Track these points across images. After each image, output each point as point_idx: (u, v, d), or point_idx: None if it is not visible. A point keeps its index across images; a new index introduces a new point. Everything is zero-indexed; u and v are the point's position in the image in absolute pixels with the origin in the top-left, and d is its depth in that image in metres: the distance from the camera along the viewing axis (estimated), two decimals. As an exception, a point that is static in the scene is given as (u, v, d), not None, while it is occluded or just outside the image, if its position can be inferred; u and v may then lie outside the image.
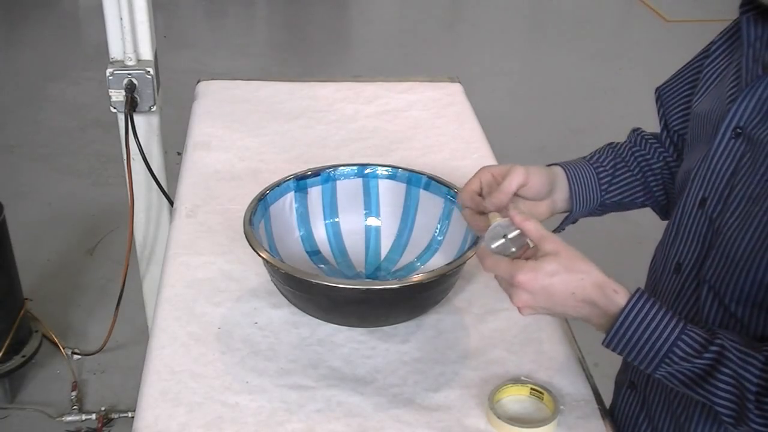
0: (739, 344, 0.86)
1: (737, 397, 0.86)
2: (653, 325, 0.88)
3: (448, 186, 1.28)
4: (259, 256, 1.11)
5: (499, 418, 1.03)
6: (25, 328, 2.39)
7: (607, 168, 1.20)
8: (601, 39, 5.25)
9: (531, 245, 0.96)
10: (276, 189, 1.27)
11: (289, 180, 1.29)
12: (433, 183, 1.30)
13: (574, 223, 1.23)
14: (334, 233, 1.33)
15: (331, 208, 1.33)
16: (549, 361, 1.14)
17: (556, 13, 5.78)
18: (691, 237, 1.00)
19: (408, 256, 1.31)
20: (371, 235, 1.34)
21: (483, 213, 1.09)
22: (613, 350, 0.92)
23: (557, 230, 1.20)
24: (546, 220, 1.14)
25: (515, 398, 1.08)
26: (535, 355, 1.15)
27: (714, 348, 0.86)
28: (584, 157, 1.22)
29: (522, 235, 0.96)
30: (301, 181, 1.30)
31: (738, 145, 0.95)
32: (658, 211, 1.25)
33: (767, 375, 0.84)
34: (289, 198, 1.29)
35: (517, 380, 1.09)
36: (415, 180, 1.31)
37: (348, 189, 1.33)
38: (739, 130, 0.95)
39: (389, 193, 1.33)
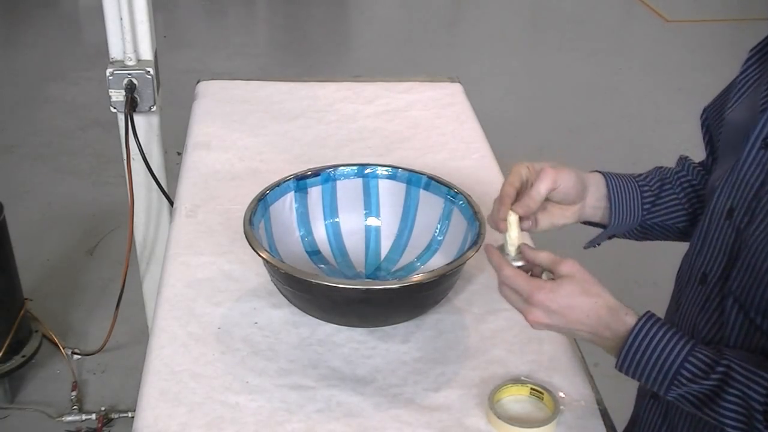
0: (745, 364, 0.87)
1: (745, 417, 0.86)
2: (660, 347, 0.89)
3: (448, 186, 1.28)
4: (259, 255, 1.11)
5: (499, 418, 1.03)
6: (25, 328, 2.39)
7: (653, 188, 1.16)
8: (601, 39, 5.25)
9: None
10: (276, 189, 1.27)
11: (289, 180, 1.29)
12: (433, 183, 1.30)
13: (610, 239, 1.19)
14: (334, 233, 1.33)
15: (331, 208, 1.33)
16: (549, 361, 1.14)
17: (556, 13, 5.77)
18: (718, 247, 0.98)
19: (408, 256, 1.31)
20: (371, 235, 1.34)
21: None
22: (626, 374, 0.92)
23: (592, 244, 1.19)
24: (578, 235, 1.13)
25: (515, 398, 1.08)
26: (535, 355, 1.15)
27: (720, 369, 0.87)
28: (629, 174, 1.17)
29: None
30: (301, 181, 1.30)
31: (767, 155, 0.93)
32: None
33: None
34: (289, 198, 1.29)
35: (517, 380, 1.09)
36: (415, 180, 1.31)
37: (348, 189, 1.33)
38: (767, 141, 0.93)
39: (389, 193, 1.33)
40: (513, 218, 1.02)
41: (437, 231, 1.29)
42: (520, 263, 1.01)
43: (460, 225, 1.24)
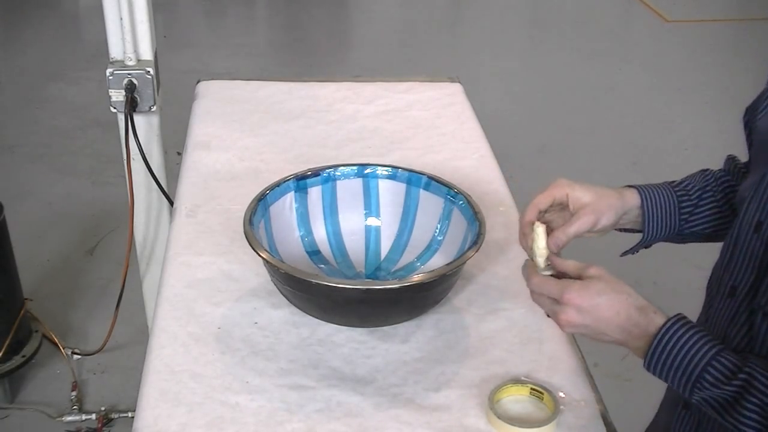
0: (767, 371, 0.86)
1: (763, 426, 0.85)
2: (686, 348, 0.89)
3: (448, 186, 1.28)
4: (259, 255, 1.11)
5: (499, 418, 1.02)
6: (25, 328, 2.39)
7: (692, 196, 1.15)
8: (601, 39, 5.25)
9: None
10: (276, 189, 1.27)
11: (289, 180, 1.29)
12: (433, 183, 1.30)
13: (647, 247, 1.18)
14: (334, 233, 1.33)
15: (331, 208, 1.33)
16: (549, 361, 1.14)
17: (556, 13, 5.78)
18: (747, 260, 0.97)
19: (408, 256, 1.31)
20: (371, 235, 1.34)
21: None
22: (653, 373, 0.93)
23: (630, 252, 1.19)
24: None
25: (515, 398, 1.08)
26: (535, 355, 1.15)
27: (742, 375, 0.87)
28: (671, 182, 1.17)
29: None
30: (301, 181, 1.30)
31: None
32: None
33: None
34: (289, 198, 1.29)
35: (517, 380, 1.09)
36: (415, 180, 1.31)
37: (348, 189, 1.33)
38: None
39: (389, 193, 1.33)
40: (540, 229, 1.04)
41: (437, 231, 1.29)
42: (548, 272, 1.02)
43: (460, 225, 1.24)
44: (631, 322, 0.93)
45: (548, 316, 1.00)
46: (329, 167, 1.32)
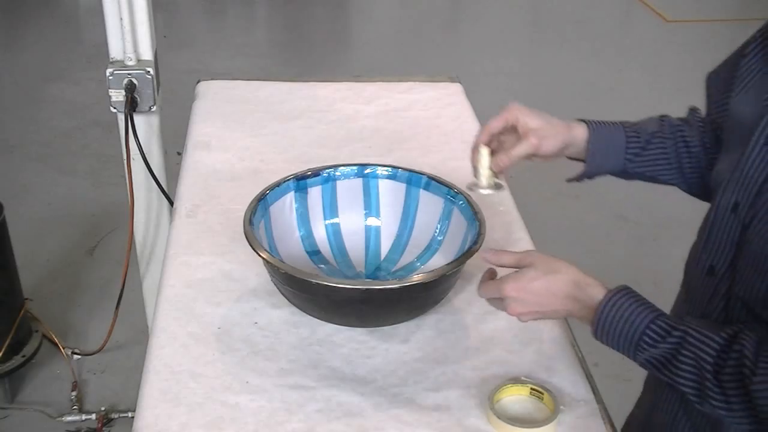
0: (701, 328, 0.92)
1: (698, 376, 0.92)
2: (626, 316, 0.96)
3: (448, 186, 1.28)
4: (259, 256, 1.11)
5: (499, 418, 1.03)
6: (25, 328, 2.39)
7: (641, 140, 1.20)
8: (601, 39, 5.25)
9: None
10: (276, 189, 1.27)
11: (289, 180, 1.29)
12: (433, 183, 1.30)
13: (590, 178, 1.25)
14: (334, 233, 1.33)
15: (331, 208, 1.33)
16: (549, 361, 1.14)
17: (556, 13, 5.77)
18: (724, 241, 1.00)
19: (408, 256, 1.31)
20: (371, 235, 1.34)
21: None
22: (601, 341, 0.99)
23: (574, 180, 1.25)
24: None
25: (515, 398, 1.08)
26: (535, 355, 1.15)
27: (677, 333, 0.93)
28: (626, 122, 1.22)
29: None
30: (301, 181, 1.30)
31: None
32: (686, 190, 1.25)
33: (724, 355, 0.90)
34: (289, 198, 1.29)
35: (517, 380, 1.09)
36: (415, 180, 1.31)
37: (348, 189, 1.33)
38: None
39: (389, 193, 1.33)
40: (485, 151, 1.15)
41: (437, 231, 1.29)
42: (489, 191, 1.16)
43: (460, 225, 1.24)
44: (571, 298, 1.00)
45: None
46: (329, 167, 1.32)
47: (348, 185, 1.33)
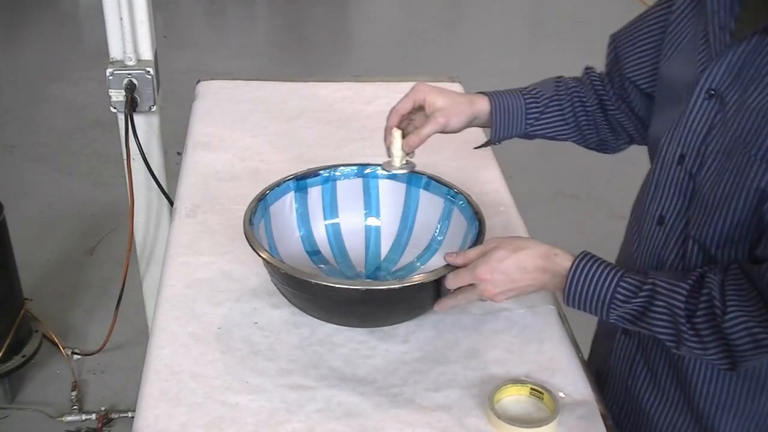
0: (668, 278, 0.99)
1: (672, 323, 0.98)
2: (595, 279, 1.02)
3: (448, 186, 1.28)
4: (259, 256, 1.11)
5: (499, 418, 1.03)
6: (25, 328, 2.39)
7: (540, 104, 1.29)
8: (601, 39, 5.23)
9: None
10: (276, 189, 1.27)
11: (289, 180, 1.29)
12: (433, 183, 1.30)
13: (498, 143, 1.34)
14: (334, 233, 1.33)
15: (331, 208, 1.33)
16: (549, 361, 1.14)
17: (556, 13, 5.77)
18: (672, 191, 1.08)
19: (408, 256, 1.31)
20: (371, 235, 1.34)
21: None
22: (573, 306, 1.05)
23: (481, 146, 1.38)
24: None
25: (515, 398, 1.08)
26: (535, 355, 1.15)
27: (647, 287, 0.99)
28: (523, 88, 1.31)
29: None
30: (301, 181, 1.30)
31: (711, 105, 1.02)
32: (583, 145, 1.35)
33: (693, 299, 0.97)
34: (289, 198, 1.29)
35: (517, 380, 1.09)
36: (415, 180, 1.31)
37: (348, 189, 1.33)
38: (712, 92, 1.02)
39: (389, 193, 1.33)
40: (397, 134, 1.23)
41: (437, 231, 1.29)
42: (402, 171, 1.25)
43: (460, 225, 1.24)
44: (540, 269, 1.06)
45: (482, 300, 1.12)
46: (329, 167, 1.32)
47: (348, 185, 1.33)
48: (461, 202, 1.25)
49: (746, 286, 0.96)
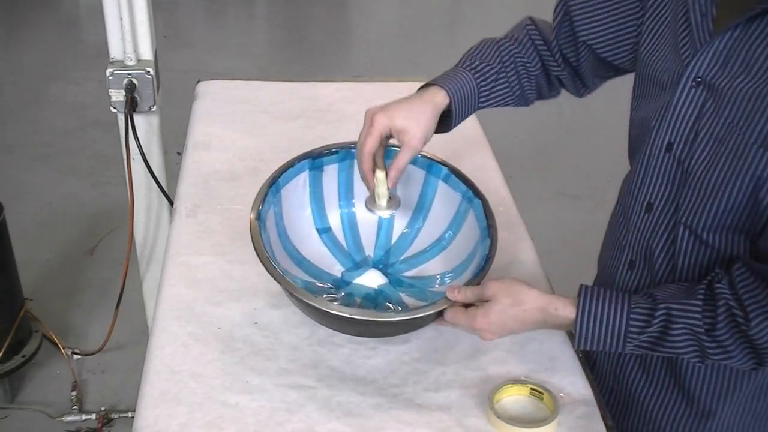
0: (678, 299, 1.00)
1: (695, 341, 0.99)
2: (605, 319, 1.02)
3: (467, 184, 1.25)
4: (267, 269, 1.09)
5: (499, 418, 1.03)
6: (25, 328, 2.39)
7: (488, 81, 1.25)
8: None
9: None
10: (289, 170, 1.24)
11: (304, 160, 1.26)
12: (453, 177, 1.27)
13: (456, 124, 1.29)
14: (348, 213, 1.32)
15: (347, 187, 1.30)
16: (549, 361, 1.14)
17: (556, 13, 5.77)
18: (661, 178, 1.09)
19: (418, 244, 1.29)
20: (384, 220, 1.32)
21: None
22: (585, 348, 1.05)
23: (439, 132, 1.25)
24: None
25: (515, 398, 1.08)
26: (535, 355, 1.15)
27: (659, 313, 1.00)
28: (469, 66, 1.26)
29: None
30: (317, 159, 1.27)
31: (699, 93, 1.02)
32: (524, 105, 1.33)
33: (708, 313, 0.98)
34: (303, 177, 1.27)
35: (517, 380, 1.09)
36: (435, 170, 1.29)
37: None
38: (699, 79, 1.02)
39: (407, 177, 1.30)
40: (381, 175, 1.17)
41: (448, 231, 1.27)
42: (390, 212, 1.21)
43: (472, 233, 1.22)
44: (539, 323, 1.07)
45: None
46: (348, 144, 1.29)
47: None
48: (478, 207, 1.22)
49: (759, 286, 0.96)
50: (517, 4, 6.04)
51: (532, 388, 1.08)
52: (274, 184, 1.22)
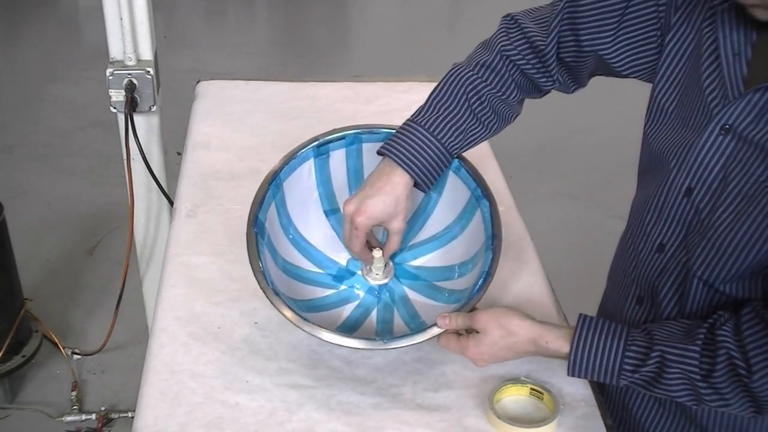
0: (674, 343, 0.96)
1: (689, 386, 0.96)
2: (599, 353, 1.00)
3: (476, 181, 1.22)
4: (258, 282, 1.10)
5: (499, 418, 1.03)
6: (25, 328, 2.40)
7: (459, 130, 1.17)
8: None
9: None
10: (291, 161, 1.24)
11: (308, 148, 1.25)
12: (464, 170, 1.23)
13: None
14: None
15: (355, 171, 1.29)
16: (549, 361, 1.14)
17: (556, 13, 5.76)
18: (675, 221, 1.05)
19: (424, 233, 1.28)
20: None
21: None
22: (578, 377, 1.03)
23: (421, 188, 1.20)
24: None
25: (515, 398, 1.08)
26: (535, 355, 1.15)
27: (654, 355, 0.97)
28: (432, 123, 1.16)
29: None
30: (322, 146, 1.26)
31: (727, 141, 0.97)
32: (505, 126, 1.26)
33: (706, 359, 0.94)
34: (308, 166, 1.26)
35: (517, 380, 1.09)
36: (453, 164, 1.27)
37: (374, 153, 1.23)
38: (727, 127, 0.97)
39: None
40: (378, 254, 1.19)
41: (453, 224, 1.26)
42: (387, 280, 1.23)
43: (476, 236, 1.20)
44: (531, 352, 1.05)
45: None
46: (356, 128, 1.27)
47: (374, 149, 1.23)
48: (486, 209, 1.20)
49: (766, 336, 0.91)
50: (517, 4, 6.05)
51: (532, 388, 1.08)
52: (275, 179, 1.21)
